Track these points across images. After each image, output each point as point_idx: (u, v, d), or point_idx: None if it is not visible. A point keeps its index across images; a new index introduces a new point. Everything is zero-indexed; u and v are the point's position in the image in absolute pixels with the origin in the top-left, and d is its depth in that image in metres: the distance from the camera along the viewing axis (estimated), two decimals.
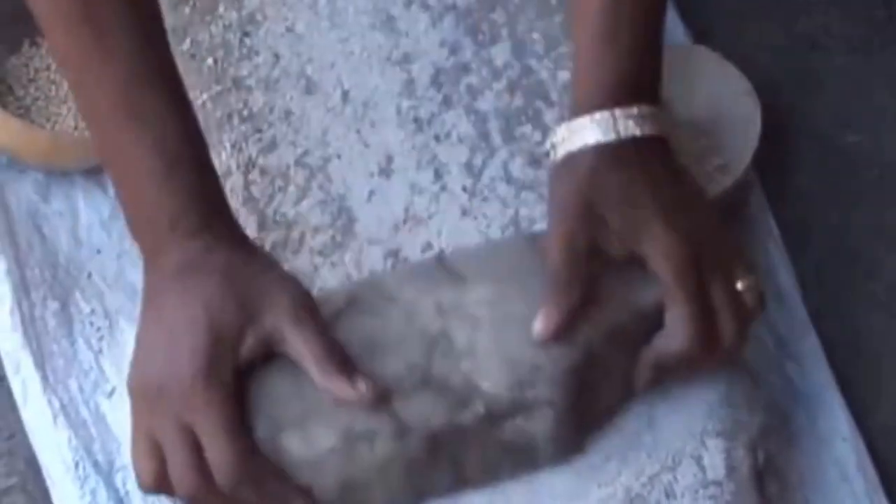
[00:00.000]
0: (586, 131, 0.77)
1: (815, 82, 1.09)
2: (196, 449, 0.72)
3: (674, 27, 1.05)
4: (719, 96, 0.99)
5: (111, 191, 0.96)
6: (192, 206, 0.75)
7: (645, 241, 0.76)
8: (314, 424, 0.72)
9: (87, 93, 0.79)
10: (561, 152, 0.77)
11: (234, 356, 0.72)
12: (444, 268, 0.79)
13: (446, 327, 0.75)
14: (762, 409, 0.84)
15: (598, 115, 0.77)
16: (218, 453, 0.71)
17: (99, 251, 0.94)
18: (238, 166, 0.93)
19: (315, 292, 0.81)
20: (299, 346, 0.72)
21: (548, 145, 0.80)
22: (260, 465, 0.73)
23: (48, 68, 1.00)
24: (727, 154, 0.96)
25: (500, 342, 0.75)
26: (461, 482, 0.75)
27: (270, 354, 0.74)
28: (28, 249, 0.94)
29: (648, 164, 0.78)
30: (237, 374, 0.72)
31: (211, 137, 0.91)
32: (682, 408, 0.80)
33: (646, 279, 0.76)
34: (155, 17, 0.81)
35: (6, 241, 0.94)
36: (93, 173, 0.97)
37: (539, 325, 0.73)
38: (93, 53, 0.77)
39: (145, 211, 0.77)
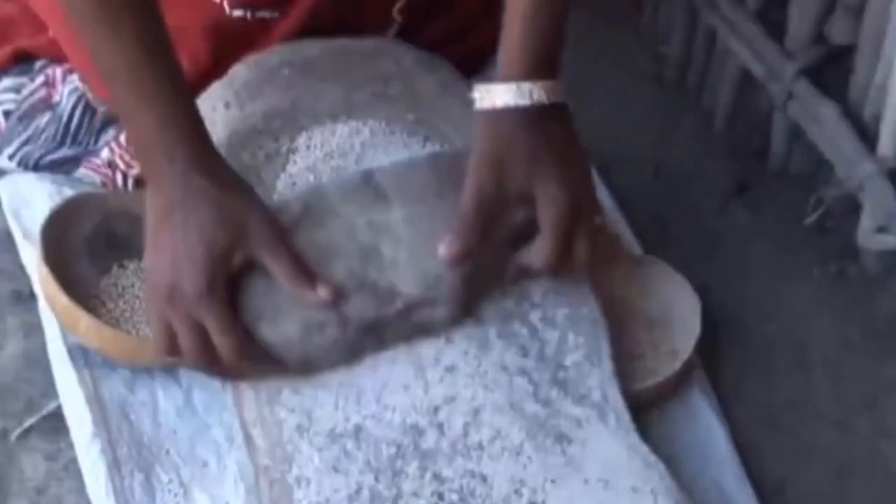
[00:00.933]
0: (509, 95, 0.95)
1: (741, 283, 1.24)
2: (203, 336, 0.94)
3: (633, 246, 1.21)
4: (668, 296, 1.12)
5: (184, 383, 1.06)
6: (185, 144, 0.94)
7: (538, 189, 0.96)
8: (282, 318, 0.95)
9: (104, 61, 0.97)
10: (486, 105, 0.96)
11: (226, 271, 0.94)
12: (372, 186, 0.99)
13: (377, 243, 0.96)
14: None
15: (519, 84, 0.95)
16: (223, 340, 0.94)
17: (175, 432, 1.03)
18: None
19: (275, 199, 1.02)
20: (274, 266, 0.94)
21: (475, 95, 0.97)
22: (250, 346, 0.95)
23: (132, 286, 1.08)
24: (676, 342, 1.09)
25: (415, 257, 0.97)
26: (383, 348, 0.98)
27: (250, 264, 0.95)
28: (118, 433, 1.02)
29: (551, 126, 0.97)
30: (229, 283, 0.94)
31: None
32: None
33: (521, 206, 0.96)
34: (156, 7, 0.96)
35: (101, 427, 1.02)
36: (169, 369, 1.05)
37: (443, 251, 0.95)
38: (108, 33, 0.94)
39: (149, 148, 0.96)
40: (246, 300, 0.96)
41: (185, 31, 1.02)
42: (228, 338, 0.95)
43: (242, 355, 0.95)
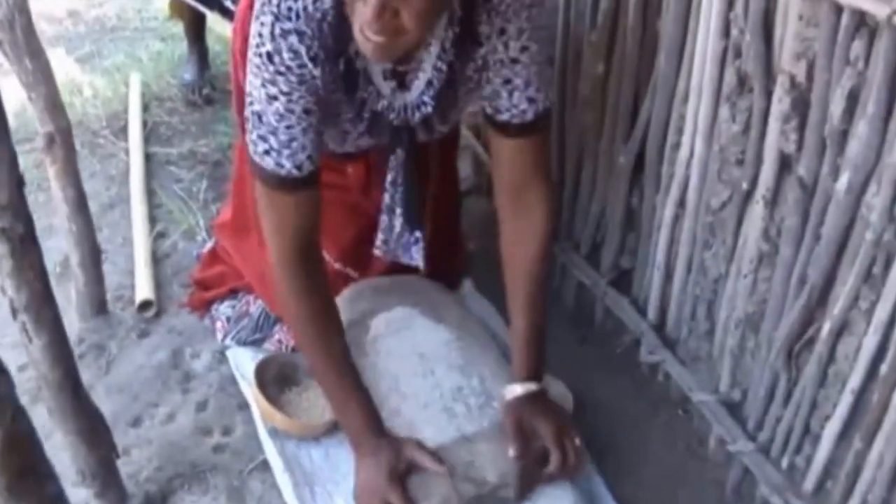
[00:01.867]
0: (518, 390, 1.64)
1: (582, 382, 1.91)
2: None
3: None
4: (559, 389, 1.82)
5: (324, 445, 1.75)
6: (370, 430, 1.60)
7: (541, 427, 1.62)
8: (431, 493, 1.57)
9: (321, 378, 1.62)
10: (508, 397, 1.63)
11: (398, 473, 1.57)
12: (467, 440, 1.64)
13: (474, 460, 1.61)
14: None
15: (524, 385, 1.63)
16: None
17: (322, 468, 1.72)
18: None
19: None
20: (422, 462, 1.57)
21: (505, 391, 1.64)
22: None
23: (289, 403, 1.80)
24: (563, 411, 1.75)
25: (496, 462, 1.60)
26: None
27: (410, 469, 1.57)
28: (295, 469, 1.71)
29: (541, 399, 1.63)
30: (401, 479, 1.57)
31: None
32: None
33: (536, 440, 1.60)
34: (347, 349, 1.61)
35: (288, 467, 1.71)
36: (316, 438, 1.75)
37: (512, 452, 1.59)
38: (326, 362, 1.59)
39: (352, 432, 1.63)
40: (409, 488, 1.57)
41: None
42: None
43: None
